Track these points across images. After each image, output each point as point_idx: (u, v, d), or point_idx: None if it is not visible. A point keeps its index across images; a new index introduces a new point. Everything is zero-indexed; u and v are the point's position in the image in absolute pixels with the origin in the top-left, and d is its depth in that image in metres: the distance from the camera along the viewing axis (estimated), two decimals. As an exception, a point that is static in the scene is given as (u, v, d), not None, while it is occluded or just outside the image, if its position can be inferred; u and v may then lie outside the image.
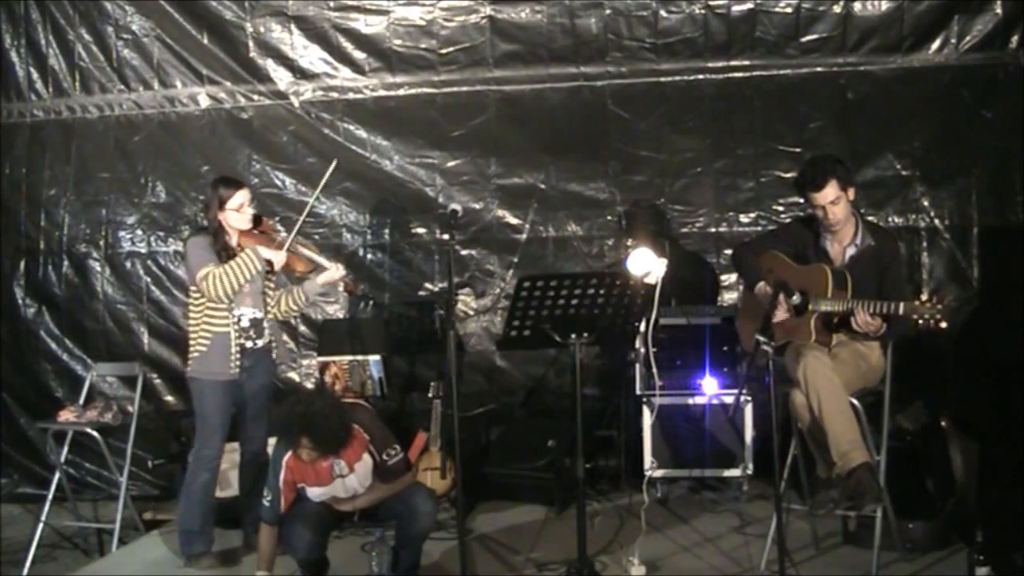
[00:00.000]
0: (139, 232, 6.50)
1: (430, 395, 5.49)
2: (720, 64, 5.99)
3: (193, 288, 4.58)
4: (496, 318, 6.11)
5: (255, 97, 6.41)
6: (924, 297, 3.76)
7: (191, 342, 4.59)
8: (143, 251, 6.49)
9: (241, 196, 4.55)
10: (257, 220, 4.67)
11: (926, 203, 5.80)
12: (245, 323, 4.59)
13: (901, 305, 3.82)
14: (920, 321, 3.74)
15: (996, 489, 4.76)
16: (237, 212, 4.54)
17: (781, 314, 4.05)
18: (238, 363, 4.55)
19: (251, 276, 4.50)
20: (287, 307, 4.77)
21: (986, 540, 3.72)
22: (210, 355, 4.51)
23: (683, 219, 6.04)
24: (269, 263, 4.57)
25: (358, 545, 4.64)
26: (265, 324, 4.68)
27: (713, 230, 6.00)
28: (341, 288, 4.99)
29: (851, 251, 4.18)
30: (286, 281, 4.86)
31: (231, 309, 4.53)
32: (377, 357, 5.70)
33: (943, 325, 3.71)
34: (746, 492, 5.27)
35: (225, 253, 4.51)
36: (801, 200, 5.72)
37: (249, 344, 4.60)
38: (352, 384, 5.67)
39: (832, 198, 4.06)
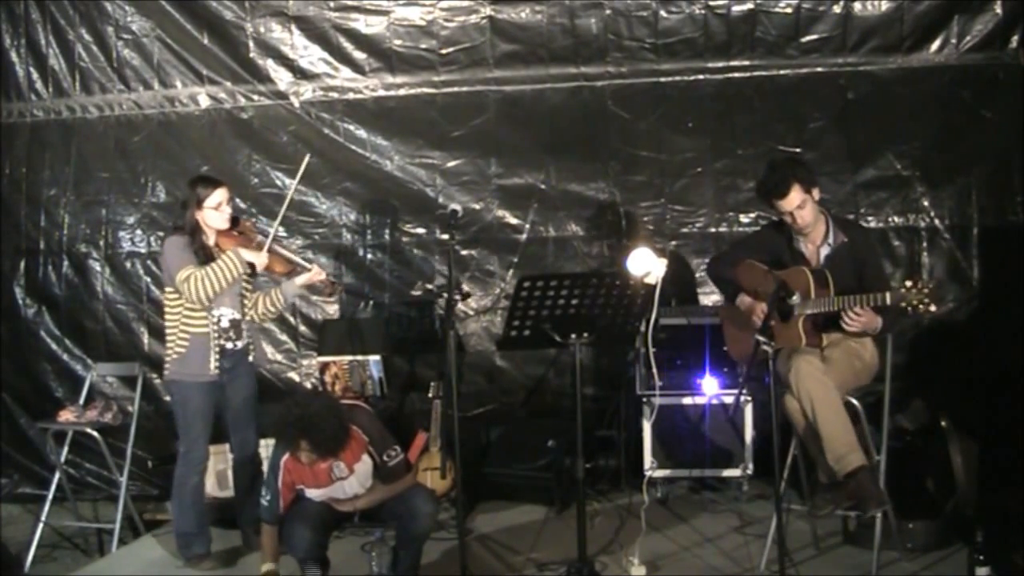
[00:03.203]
0: (139, 232, 6.50)
1: (430, 395, 5.48)
2: (720, 64, 5.99)
3: (169, 289, 4.54)
4: (496, 318, 6.11)
5: (255, 97, 6.41)
6: (909, 284, 3.71)
7: (168, 344, 4.56)
8: (143, 251, 6.49)
9: (219, 195, 4.51)
10: (235, 221, 4.64)
11: (926, 203, 5.80)
12: (225, 324, 4.56)
13: (888, 295, 3.79)
14: (910, 308, 3.71)
15: (996, 489, 4.76)
16: (215, 211, 4.51)
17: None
18: (218, 364, 4.53)
19: (233, 279, 4.47)
20: (265, 309, 4.75)
21: (986, 540, 3.72)
22: (189, 356, 4.49)
23: (683, 219, 6.04)
24: (251, 265, 4.56)
25: (358, 545, 4.65)
26: (243, 326, 4.65)
27: (713, 230, 6.00)
28: (326, 291, 4.97)
29: (825, 250, 4.17)
30: (262, 283, 4.84)
31: (210, 309, 4.51)
32: (377, 357, 5.71)
33: (932, 308, 3.67)
34: (746, 492, 5.27)
35: (203, 253, 4.48)
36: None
37: (229, 345, 4.58)
38: (352, 384, 5.67)
39: (798, 202, 4.05)
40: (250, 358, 4.72)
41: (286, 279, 4.73)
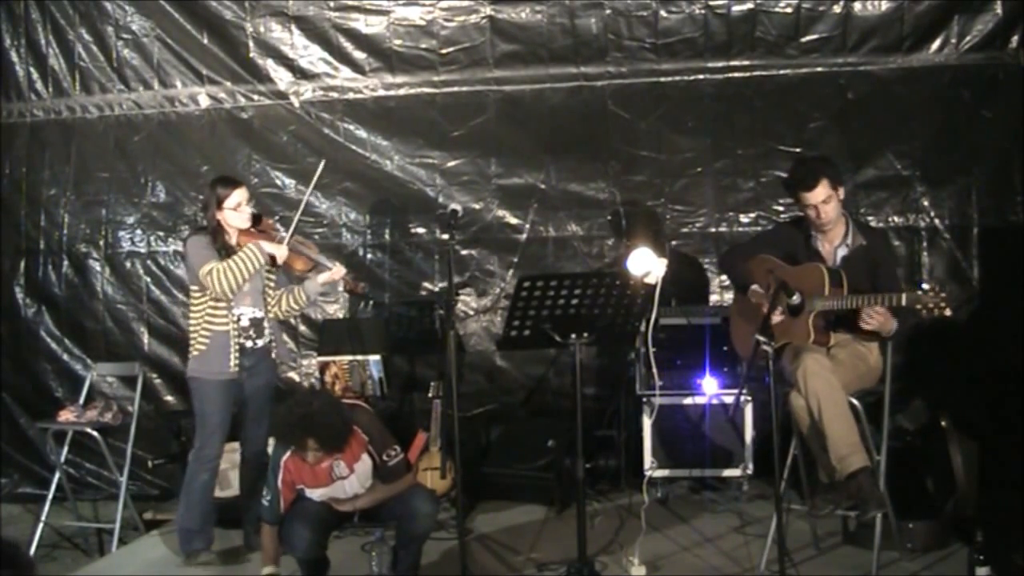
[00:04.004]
0: (139, 232, 6.50)
1: (430, 395, 5.49)
2: (720, 64, 5.99)
3: (194, 288, 4.57)
4: (496, 318, 6.11)
5: (255, 97, 6.42)
6: (926, 287, 3.73)
7: (191, 341, 4.60)
8: (143, 251, 6.49)
9: (239, 195, 4.54)
10: (256, 219, 4.67)
11: (926, 203, 5.80)
12: (245, 322, 4.59)
13: (903, 296, 3.79)
14: (924, 311, 3.72)
15: (996, 489, 4.76)
16: (235, 211, 4.53)
17: (776, 316, 4.03)
18: (238, 362, 4.54)
19: (254, 270, 4.49)
20: (288, 306, 4.77)
21: (986, 540, 3.71)
22: (210, 354, 4.51)
23: (683, 219, 6.04)
24: (271, 258, 4.57)
25: (358, 545, 4.65)
26: (265, 324, 4.67)
27: (713, 230, 6.00)
28: (342, 287, 4.99)
29: (842, 251, 4.18)
30: (286, 281, 4.86)
31: (231, 308, 4.53)
32: (377, 357, 5.70)
33: (947, 313, 3.69)
34: (746, 492, 5.27)
35: (225, 252, 4.51)
36: (799, 200, 5.80)
37: (249, 344, 4.60)
38: (352, 384, 5.67)
39: (823, 197, 4.06)
40: (273, 355, 4.73)
41: (307, 277, 4.74)
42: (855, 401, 3.97)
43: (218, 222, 4.54)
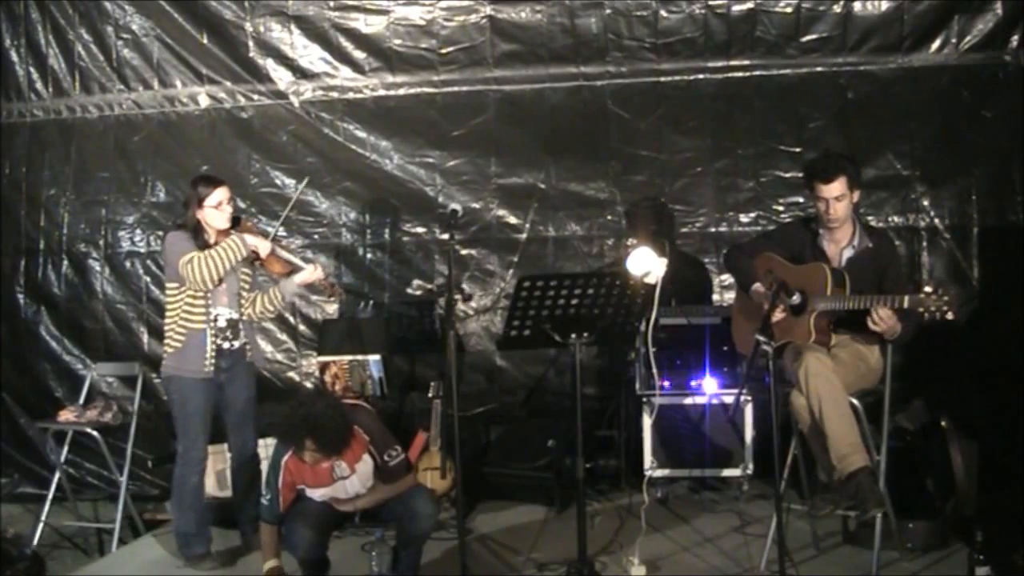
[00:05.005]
0: (139, 232, 6.50)
1: (430, 395, 5.48)
2: (720, 64, 5.99)
3: (171, 284, 4.55)
4: (496, 318, 6.11)
5: (255, 97, 6.41)
6: (928, 290, 3.74)
7: (166, 339, 4.56)
8: (143, 251, 6.49)
9: (220, 194, 4.52)
10: (235, 221, 4.64)
11: (926, 203, 5.80)
12: (222, 323, 4.57)
13: (906, 299, 3.80)
14: (927, 314, 3.73)
15: (996, 489, 4.76)
16: (215, 209, 4.51)
17: (778, 314, 4.03)
18: (214, 362, 4.53)
19: (236, 261, 4.47)
20: (262, 307, 4.75)
21: (986, 540, 3.72)
22: (186, 352, 4.49)
23: (683, 219, 6.04)
24: (254, 253, 4.56)
25: (358, 545, 4.65)
26: (240, 326, 4.65)
27: (713, 230, 6.00)
28: (326, 292, 4.97)
29: (848, 253, 4.19)
30: (261, 282, 4.84)
31: (208, 307, 4.52)
32: (377, 357, 5.70)
33: (949, 316, 3.71)
34: (746, 492, 5.27)
35: (203, 250, 4.48)
36: (800, 200, 5.81)
37: (226, 345, 4.59)
38: (352, 384, 5.67)
39: (838, 193, 4.08)
40: (247, 358, 4.72)
41: (285, 278, 4.73)
42: (855, 401, 3.98)
43: (198, 220, 4.53)
